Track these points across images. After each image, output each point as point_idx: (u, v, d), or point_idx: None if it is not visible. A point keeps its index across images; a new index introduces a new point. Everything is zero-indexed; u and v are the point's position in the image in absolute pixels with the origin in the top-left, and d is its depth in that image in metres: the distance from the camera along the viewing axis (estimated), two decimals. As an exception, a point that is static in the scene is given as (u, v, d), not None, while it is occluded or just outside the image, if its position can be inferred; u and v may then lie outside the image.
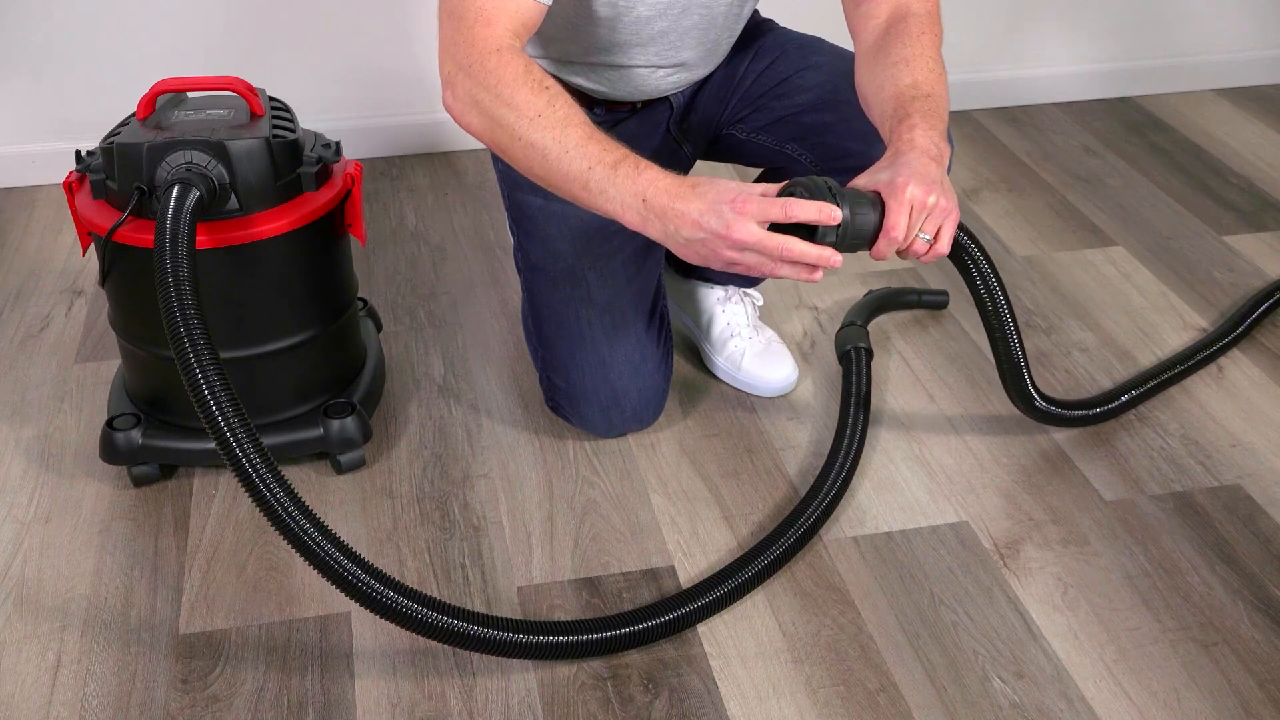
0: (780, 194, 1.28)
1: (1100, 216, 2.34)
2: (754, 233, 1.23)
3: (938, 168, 1.31)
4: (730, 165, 2.31)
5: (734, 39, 1.67)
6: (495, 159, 1.71)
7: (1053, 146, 2.63)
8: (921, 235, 1.30)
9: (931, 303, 2.02)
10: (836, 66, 1.65)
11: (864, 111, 1.49)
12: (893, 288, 2.01)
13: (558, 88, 1.33)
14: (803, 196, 1.27)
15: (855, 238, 1.28)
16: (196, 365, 1.26)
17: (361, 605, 1.26)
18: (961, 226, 1.43)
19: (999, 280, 1.50)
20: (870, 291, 2.00)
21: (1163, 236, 2.27)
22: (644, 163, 1.29)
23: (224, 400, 1.25)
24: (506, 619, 1.33)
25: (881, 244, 1.29)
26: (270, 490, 1.23)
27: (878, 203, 1.29)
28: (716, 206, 1.24)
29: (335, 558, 1.23)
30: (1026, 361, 1.60)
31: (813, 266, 1.26)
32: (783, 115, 1.68)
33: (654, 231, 1.28)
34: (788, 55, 1.69)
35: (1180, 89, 2.90)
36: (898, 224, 1.27)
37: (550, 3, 1.39)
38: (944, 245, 1.32)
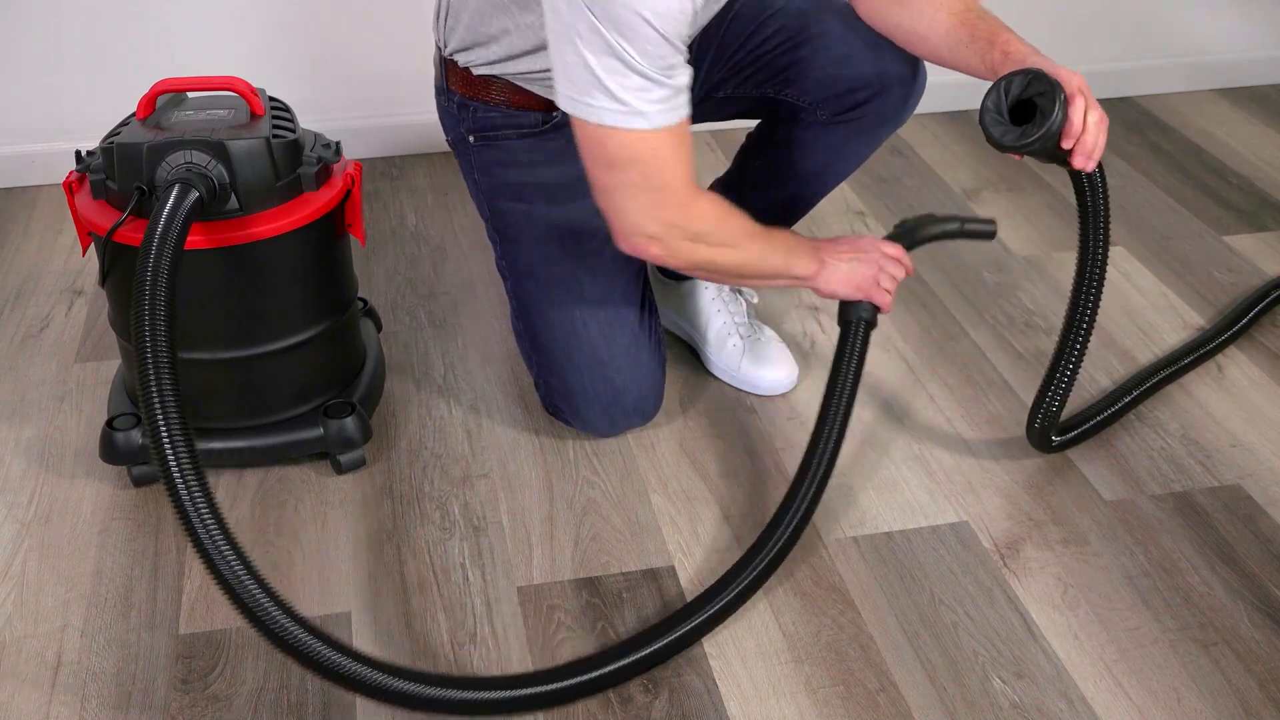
0: (1012, 82, 1.38)
1: (1100, 216, 2.34)
2: (893, 246, 1.54)
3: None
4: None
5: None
6: (466, 171, 1.69)
7: (1053, 146, 2.63)
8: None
9: (976, 231, 1.62)
10: (793, 4, 1.67)
11: (905, 49, 1.58)
12: (932, 214, 1.63)
13: (730, 206, 1.46)
14: (1039, 86, 1.37)
15: (1063, 119, 1.36)
16: (153, 372, 1.24)
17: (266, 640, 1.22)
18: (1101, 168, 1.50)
19: (1107, 240, 1.56)
20: (903, 222, 1.62)
21: (1163, 236, 2.27)
22: (800, 235, 1.56)
23: (174, 421, 1.21)
24: (457, 677, 1.31)
25: (1075, 115, 1.36)
26: (195, 505, 1.19)
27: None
28: (858, 240, 1.55)
29: (263, 601, 1.19)
30: (1071, 381, 1.59)
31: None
32: (759, 65, 1.68)
33: (824, 275, 1.52)
34: (744, 9, 1.68)
35: (1180, 89, 2.90)
36: (1077, 98, 1.36)
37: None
38: (1105, 128, 1.40)
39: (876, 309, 1.54)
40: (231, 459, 1.62)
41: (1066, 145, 1.39)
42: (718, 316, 1.84)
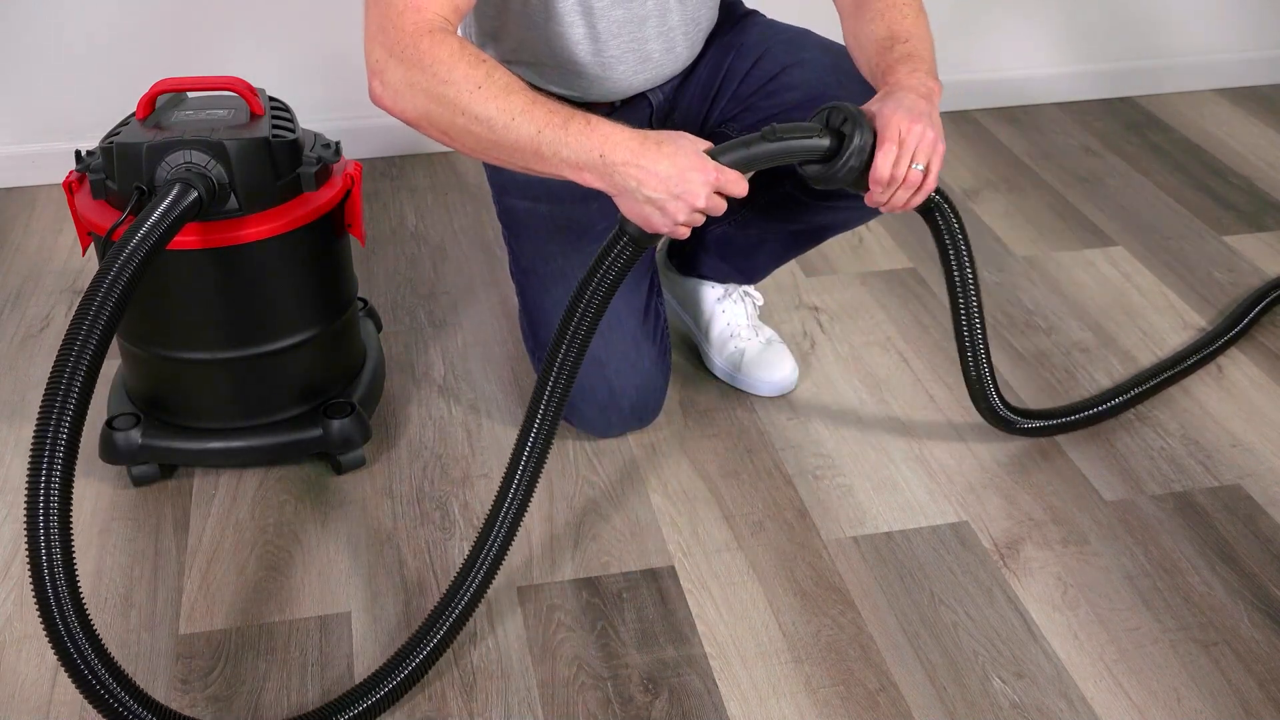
0: (815, 116, 1.34)
1: (1100, 216, 2.34)
2: (713, 199, 1.27)
3: (926, 103, 1.33)
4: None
5: (697, 33, 1.64)
6: (488, 166, 1.70)
7: (1053, 146, 2.63)
8: (915, 165, 1.31)
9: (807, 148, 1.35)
10: (823, 62, 1.63)
11: (859, 74, 1.51)
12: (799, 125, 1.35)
13: (494, 61, 1.30)
14: (836, 119, 1.32)
15: (860, 161, 1.30)
16: (68, 371, 1.21)
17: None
18: (941, 193, 1.45)
19: (971, 258, 1.50)
20: (771, 128, 1.34)
21: (1163, 236, 2.27)
22: (594, 118, 1.28)
23: (64, 432, 1.20)
24: None
25: (880, 162, 1.29)
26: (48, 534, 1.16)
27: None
28: (686, 174, 1.25)
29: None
30: (989, 360, 1.58)
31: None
32: (771, 115, 1.65)
33: (612, 186, 1.27)
34: (772, 53, 1.66)
35: (1180, 89, 2.90)
36: (888, 145, 1.29)
37: None
38: (933, 180, 1.34)
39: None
40: (231, 459, 1.62)
41: (875, 189, 1.33)
42: (721, 318, 1.84)
